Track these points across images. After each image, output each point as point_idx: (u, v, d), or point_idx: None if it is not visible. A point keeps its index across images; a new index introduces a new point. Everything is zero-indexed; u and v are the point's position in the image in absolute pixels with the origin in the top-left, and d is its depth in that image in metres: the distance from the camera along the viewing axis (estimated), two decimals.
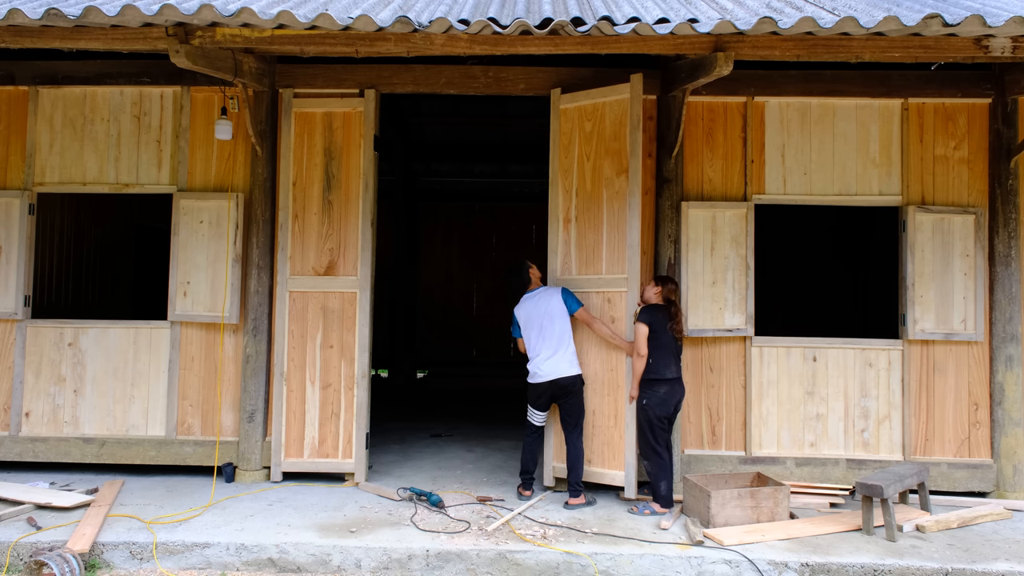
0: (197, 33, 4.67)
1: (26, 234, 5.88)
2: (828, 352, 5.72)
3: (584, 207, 5.53)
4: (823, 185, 5.78)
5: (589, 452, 5.38)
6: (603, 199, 5.44)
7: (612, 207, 5.40)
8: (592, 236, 5.48)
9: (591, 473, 5.37)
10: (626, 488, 5.23)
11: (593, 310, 5.41)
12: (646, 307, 5.16)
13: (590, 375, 5.41)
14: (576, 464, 5.18)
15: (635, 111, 5.30)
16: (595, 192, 5.48)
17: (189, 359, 5.83)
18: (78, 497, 4.97)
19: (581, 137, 5.57)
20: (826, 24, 4.18)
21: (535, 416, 5.37)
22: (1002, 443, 5.55)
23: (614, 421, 5.31)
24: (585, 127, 5.55)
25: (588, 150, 5.53)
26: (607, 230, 5.41)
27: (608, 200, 5.42)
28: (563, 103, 5.66)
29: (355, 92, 5.80)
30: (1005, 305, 5.58)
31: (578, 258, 5.56)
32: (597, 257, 5.45)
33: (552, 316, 5.23)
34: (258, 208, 5.75)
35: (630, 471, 5.21)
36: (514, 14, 4.69)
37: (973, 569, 4.17)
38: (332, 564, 4.29)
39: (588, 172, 5.53)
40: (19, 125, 5.94)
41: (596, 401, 5.39)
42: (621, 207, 5.35)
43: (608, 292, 5.37)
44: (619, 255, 5.35)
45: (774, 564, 4.20)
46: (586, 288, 5.47)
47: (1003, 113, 5.65)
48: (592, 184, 5.50)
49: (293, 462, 5.66)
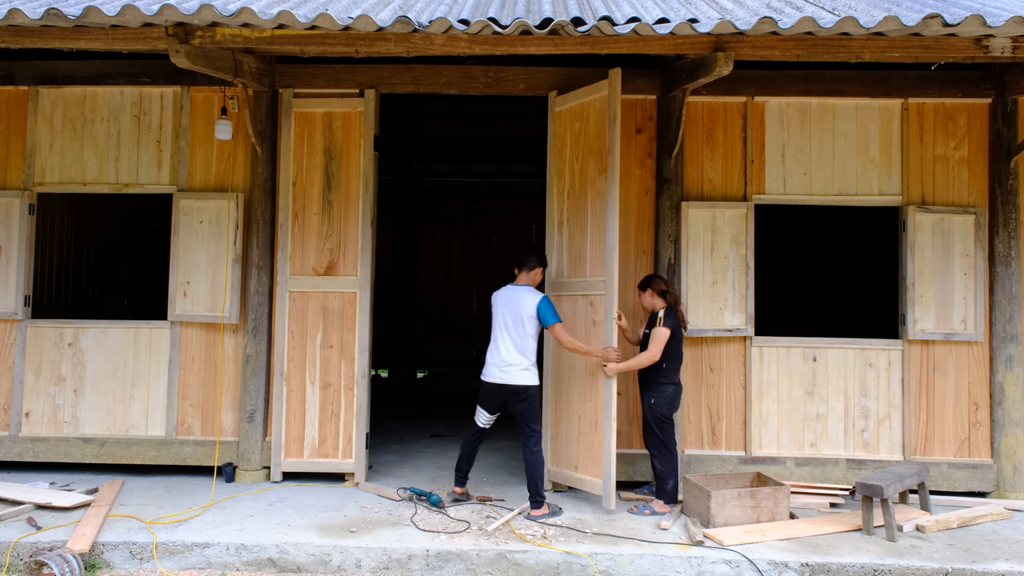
0: (197, 33, 4.67)
1: (26, 234, 5.88)
2: (828, 352, 5.72)
3: (573, 209, 5.48)
4: (823, 185, 5.78)
5: (574, 457, 5.26)
6: (588, 200, 5.34)
7: (595, 208, 5.27)
8: (580, 238, 5.40)
9: (573, 478, 5.29)
10: (604, 498, 4.96)
11: (579, 314, 5.31)
12: (669, 311, 5.08)
13: (575, 378, 5.32)
14: (533, 474, 4.88)
15: (613, 107, 5.08)
16: (582, 193, 5.40)
17: (189, 359, 5.83)
18: (78, 497, 4.97)
19: (571, 138, 5.52)
20: (826, 24, 4.18)
21: (480, 416, 5.14)
22: (1002, 443, 5.55)
23: (594, 427, 5.12)
24: (574, 128, 5.50)
25: (577, 151, 5.47)
26: (591, 231, 5.29)
27: (591, 201, 5.31)
28: (557, 105, 5.64)
29: (355, 92, 5.80)
30: (1005, 305, 5.58)
31: (568, 261, 5.50)
32: (583, 259, 5.36)
33: (520, 319, 4.96)
34: (258, 208, 5.75)
35: (608, 481, 4.93)
36: (514, 14, 4.69)
37: (973, 569, 4.17)
38: (332, 564, 4.29)
39: (577, 173, 5.47)
40: (19, 125, 5.94)
41: (580, 407, 5.27)
42: (603, 207, 5.19)
43: (591, 295, 5.24)
44: (601, 257, 5.19)
45: (774, 564, 4.20)
46: (574, 291, 5.39)
47: (1003, 113, 5.65)
48: (580, 185, 5.43)
49: (293, 462, 5.66)
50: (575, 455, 5.29)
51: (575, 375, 5.33)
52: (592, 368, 5.18)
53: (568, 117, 5.56)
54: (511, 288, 5.12)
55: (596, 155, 5.29)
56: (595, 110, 5.32)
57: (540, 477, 4.93)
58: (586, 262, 5.34)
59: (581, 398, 5.27)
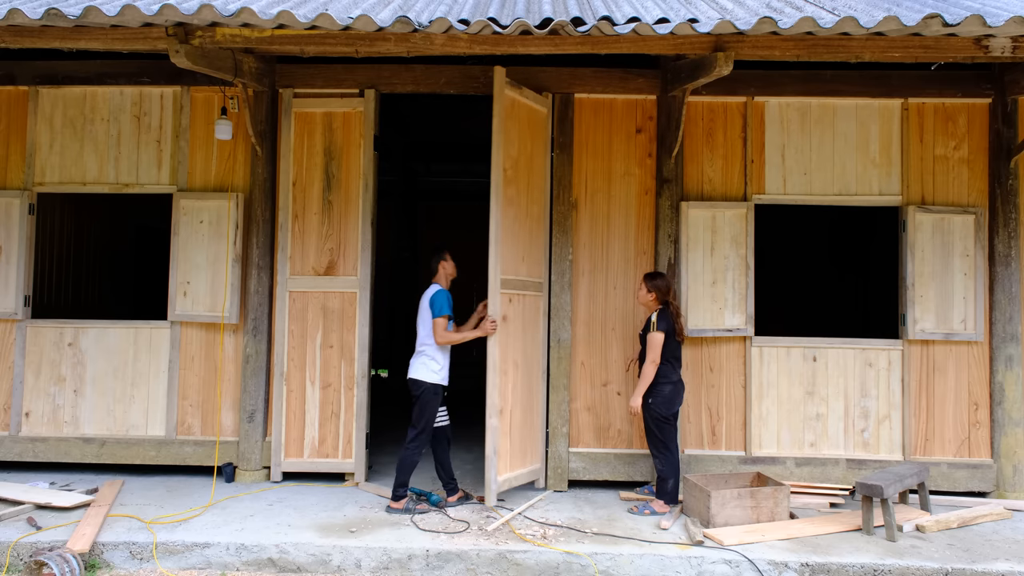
0: (197, 33, 4.67)
1: (26, 234, 5.88)
2: (828, 352, 5.72)
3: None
4: (823, 185, 5.77)
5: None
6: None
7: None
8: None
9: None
10: (487, 496, 5.04)
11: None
12: (662, 313, 5.09)
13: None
14: (401, 467, 4.97)
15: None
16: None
17: (189, 359, 5.83)
18: (78, 497, 4.97)
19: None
20: (826, 24, 4.18)
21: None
22: (1002, 443, 5.55)
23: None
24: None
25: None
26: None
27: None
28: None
29: (355, 92, 5.80)
30: (1005, 305, 5.58)
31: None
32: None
33: (423, 315, 5.17)
34: (258, 208, 5.75)
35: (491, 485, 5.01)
36: (514, 14, 4.69)
37: (973, 569, 4.17)
38: (332, 564, 4.28)
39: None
40: (19, 125, 5.94)
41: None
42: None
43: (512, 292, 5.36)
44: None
45: (774, 564, 4.20)
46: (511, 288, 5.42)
47: (1003, 113, 5.65)
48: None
49: (293, 462, 5.66)
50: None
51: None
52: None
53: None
54: (430, 288, 5.25)
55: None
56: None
57: (405, 474, 4.98)
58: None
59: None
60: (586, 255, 5.77)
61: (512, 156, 5.32)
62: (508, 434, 5.27)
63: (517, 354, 5.39)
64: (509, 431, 5.28)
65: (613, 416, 5.67)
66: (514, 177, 5.35)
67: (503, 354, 5.22)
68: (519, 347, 5.42)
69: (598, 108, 5.80)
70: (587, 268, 5.76)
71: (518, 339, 5.42)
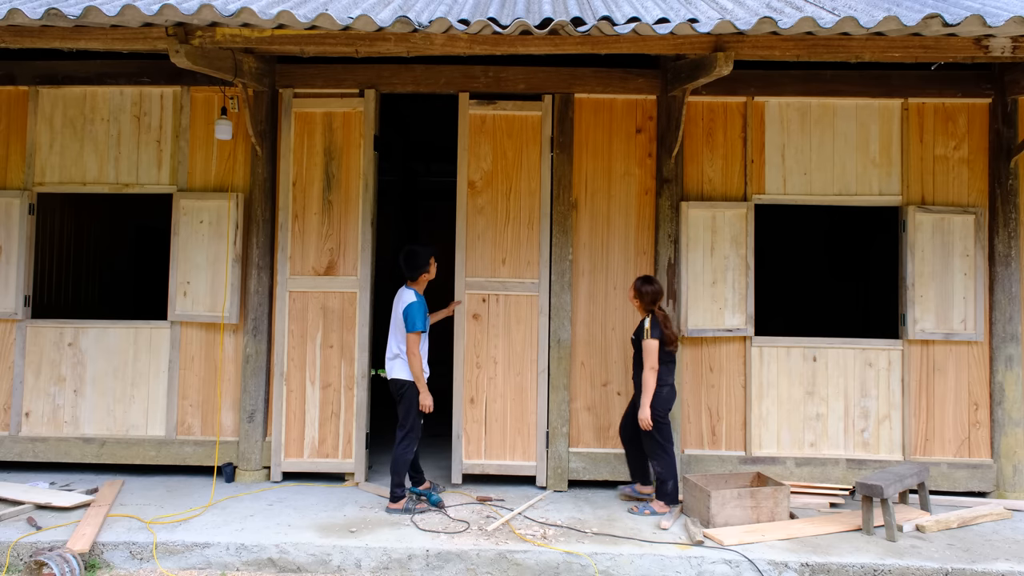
0: (197, 33, 4.67)
1: (26, 234, 5.88)
2: (828, 352, 5.72)
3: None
4: (823, 185, 5.78)
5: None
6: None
7: None
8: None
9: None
10: (453, 474, 5.20)
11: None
12: (655, 321, 5.07)
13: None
14: (394, 468, 4.97)
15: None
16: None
17: (189, 359, 5.83)
18: (78, 497, 4.97)
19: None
20: (826, 24, 4.18)
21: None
22: (1002, 443, 5.55)
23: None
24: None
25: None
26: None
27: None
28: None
29: (355, 92, 5.80)
30: (1005, 305, 5.58)
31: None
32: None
33: (396, 321, 5.12)
34: (258, 208, 5.75)
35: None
36: (514, 14, 4.70)
37: (973, 569, 4.17)
38: (332, 564, 4.29)
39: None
40: (19, 125, 5.94)
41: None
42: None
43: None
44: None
45: (774, 564, 4.20)
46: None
47: (1003, 113, 5.65)
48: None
49: (293, 462, 5.66)
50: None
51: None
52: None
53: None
54: (402, 290, 5.18)
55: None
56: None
57: (401, 474, 4.98)
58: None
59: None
60: (586, 255, 5.76)
61: (483, 169, 5.77)
62: (482, 422, 5.67)
63: (497, 351, 5.71)
64: (484, 419, 5.68)
65: (613, 416, 5.67)
66: (485, 187, 5.76)
67: (474, 348, 5.73)
68: (499, 344, 5.72)
69: (598, 108, 5.80)
70: (587, 268, 5.76)
71: (498, 336, 5.73)
